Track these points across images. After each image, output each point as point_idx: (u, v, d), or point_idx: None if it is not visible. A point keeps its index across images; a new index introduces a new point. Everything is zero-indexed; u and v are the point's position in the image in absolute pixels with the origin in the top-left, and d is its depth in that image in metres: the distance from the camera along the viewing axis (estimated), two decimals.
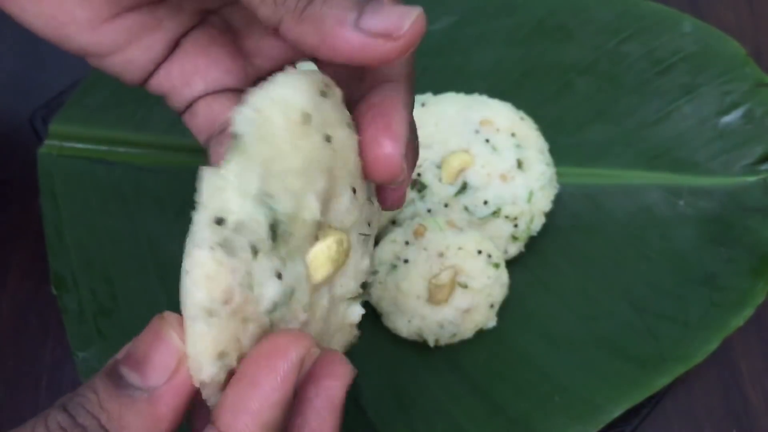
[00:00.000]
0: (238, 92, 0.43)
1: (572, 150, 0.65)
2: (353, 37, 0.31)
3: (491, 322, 0.58)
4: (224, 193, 0.25)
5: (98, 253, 0.61)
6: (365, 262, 0.33)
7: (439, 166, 0.60)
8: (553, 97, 0.68)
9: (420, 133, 0.64)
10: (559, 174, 0.63)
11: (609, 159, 0.65)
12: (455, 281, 0.56)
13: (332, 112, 0.32)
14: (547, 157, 0.62)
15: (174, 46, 0.42)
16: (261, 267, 0.26)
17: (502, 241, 0.60)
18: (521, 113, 0.63)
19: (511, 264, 0.60)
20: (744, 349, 0.60)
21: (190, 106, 0.43)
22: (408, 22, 0.31)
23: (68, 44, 0.41)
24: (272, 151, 0.27)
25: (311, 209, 0.28)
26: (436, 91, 0.64)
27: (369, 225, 0.33)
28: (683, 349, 0.56)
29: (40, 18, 0.39)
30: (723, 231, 0.61)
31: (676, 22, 0.68)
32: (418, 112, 0.62)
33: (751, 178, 0.63)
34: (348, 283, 0.32)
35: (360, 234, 0.33)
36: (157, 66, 0.42)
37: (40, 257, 0.61)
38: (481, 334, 0.58)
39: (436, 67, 0.69)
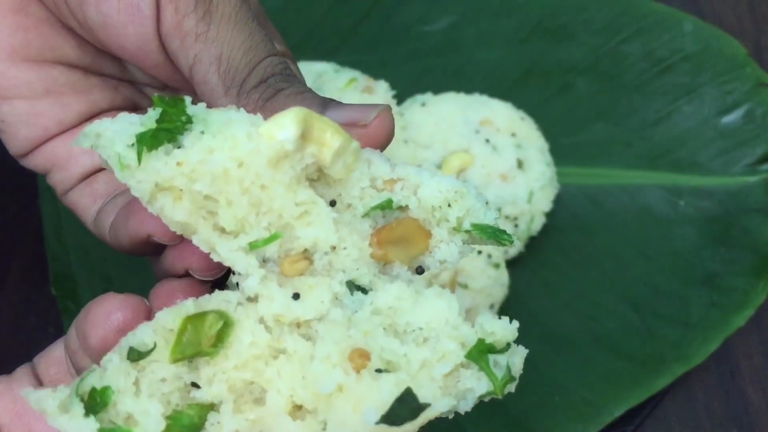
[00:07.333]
0: None
1: (572, 150, 0.65)
2: None
3: None
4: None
5: (98, 253, 0.60)
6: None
7: (439, 166, 0.60)
8: (553, 97, 0.68)
9: (420, 133, 0.66)
10: (559, 174, 0.63)
11: (609, 159, 0.65)
12: (455, 281, 0.56)
13: None
14: (547, 157, 0.62)
15: (88, 119, 0.38)
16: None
17: None
18: (521, 113, 0.63)
19: (511, 264, 0.60)
20: (744, 350, 0.60)
21: (77, 184, 0.39)
22: (372, 114, 0.32)
23: None
24: None
25: None
26: (436, 91, 0.64)
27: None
28: (683, 349, 0.56)
29: None
30: (723, 231, 0.61)
31: (676, 21, 0.68)
32: (418, 112, 0.62)
33: (752, 178, 0.63)
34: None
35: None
36: (62, 131, 0.38)
37: (40, 257, 0.61)
38: None
39: (436, 67, 0.69)
